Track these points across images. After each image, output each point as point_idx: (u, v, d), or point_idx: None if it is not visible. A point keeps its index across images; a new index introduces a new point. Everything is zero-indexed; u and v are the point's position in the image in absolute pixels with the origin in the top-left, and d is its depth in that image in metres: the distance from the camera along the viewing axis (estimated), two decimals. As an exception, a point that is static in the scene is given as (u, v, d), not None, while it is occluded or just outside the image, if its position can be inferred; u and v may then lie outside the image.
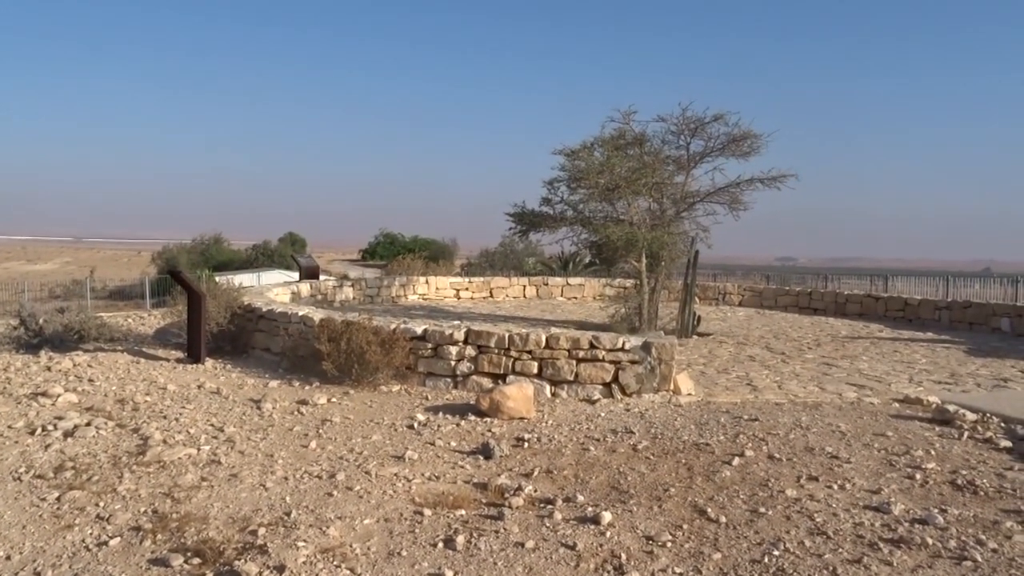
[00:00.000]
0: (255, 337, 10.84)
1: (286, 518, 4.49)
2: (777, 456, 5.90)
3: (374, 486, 5.12)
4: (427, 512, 4.61)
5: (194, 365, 9.73)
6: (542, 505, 4.79)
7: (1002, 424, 7.10)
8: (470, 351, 8.38)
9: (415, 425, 6.79)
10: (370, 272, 34.29)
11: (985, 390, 9.06)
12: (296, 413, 7.24)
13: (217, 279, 16.50)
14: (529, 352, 8.21)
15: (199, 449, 5.90)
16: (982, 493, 5.10)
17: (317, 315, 9.61)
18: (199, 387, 8.36)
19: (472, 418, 7.07)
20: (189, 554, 3.95)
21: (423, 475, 5.40)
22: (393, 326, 8.68)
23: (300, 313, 9.90)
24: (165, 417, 6.95)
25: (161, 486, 5.06)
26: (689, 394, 8.18)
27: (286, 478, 5.28)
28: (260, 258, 37.74)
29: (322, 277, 22.23)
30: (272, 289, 16.26)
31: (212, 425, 6.70)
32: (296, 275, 22.06)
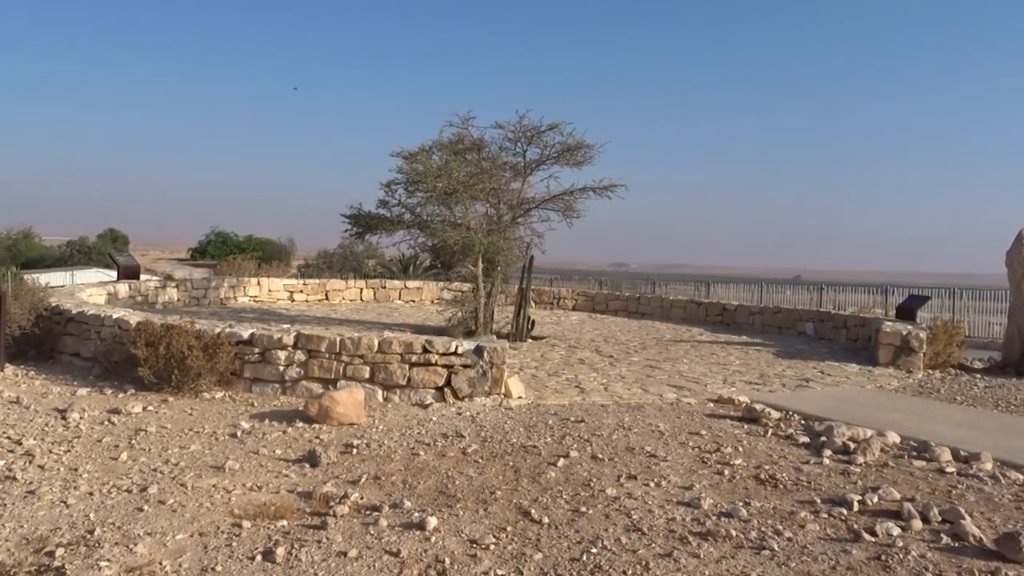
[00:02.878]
0: (64, 341, 10.06)
1: (89, 536, 4.19)
2: (600, 456, 6.12)
3: (190, 499, 4.88)
4: (246, 524, 4.45)
5: (-9, 372, 8.90)
6: (368, 512, 4.73)
7: (802, 421, 7.71)
8: (300, 356, 8.16)
9: (238, 433, 6.53)
10: (199, 272, 32.67)
11: (789, 390, 9.80)
12: (107, 423, 6.78)
13: (25, 278, 15.20)
14: (361, 356, 8.09)
15: (-9, 464, 5.41)
16: (781, 486, 5.51)
17: (134, 318, 9.05)
18: (-4, 396, 7.66)
19: (300, 425, 6.88)
20: (-28, 581, 3.61)
21: (244, 485, 5.20)
22: (218, 330, 8.30)
23: (115, 316, 9.28)
24: (-47, 430, 6.32)
25: (-57, 507, 4.60)
26: (520, 397, 8.34)
27: (91, 493, 4.93)
28: (76, 255, 35.16)
29: (144, 277, 20.95)
30: (86, 289, 15.14)
31: (9, 438, 6.16)
32: (115, 274, 20.68)
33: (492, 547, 4.24)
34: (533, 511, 4.81)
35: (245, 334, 8.29)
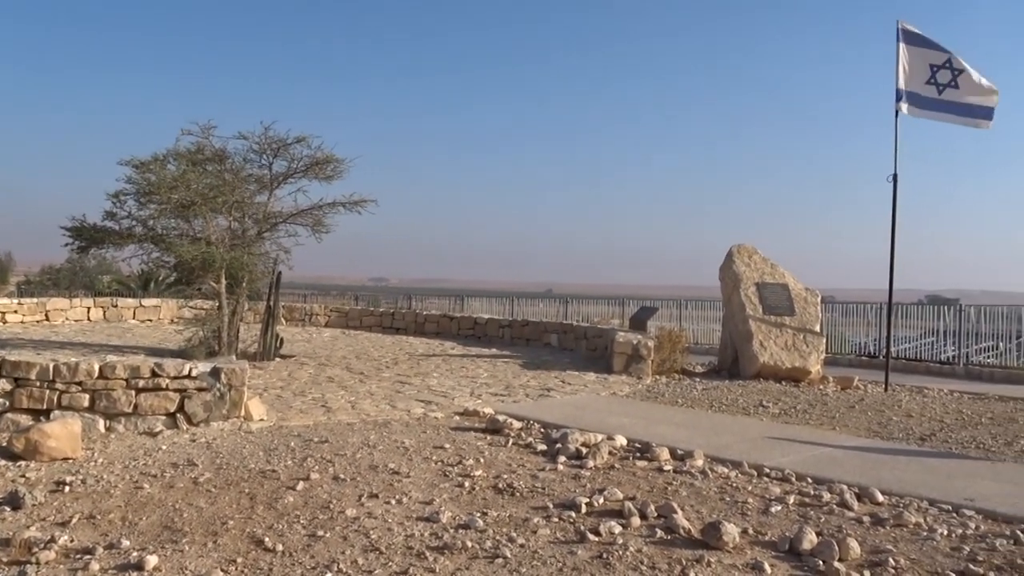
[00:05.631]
0: None
1: None
2: (342, 477, 6.01)
3: None
4: (-78, 584, 3.87)
5: None
6: (78, 556, 4.29)
7: (542, 429, 8.06)
8: (4, 385, 7.25)
9: (-79, 478, 5.69)
10: None
11: (532, 399, 10.23)
12: None
13: None
14: (79, 384, 7.35)
15: None
16: (518, 494, 5.71)
17: None
18: None
19: (2, 463, 6.12)
20: None
21: (-77, 539, 4.52)
22: (-102, 359, 7.19)
23: None
24: None
25: None
26: (261, 419, 8.00)
27: None
28: None
29: None
30: None
31: None
32: None
33: (219, 582, 4.01)
34: (267, 539, 4.61)
35: (-66, 363, 7.25)
